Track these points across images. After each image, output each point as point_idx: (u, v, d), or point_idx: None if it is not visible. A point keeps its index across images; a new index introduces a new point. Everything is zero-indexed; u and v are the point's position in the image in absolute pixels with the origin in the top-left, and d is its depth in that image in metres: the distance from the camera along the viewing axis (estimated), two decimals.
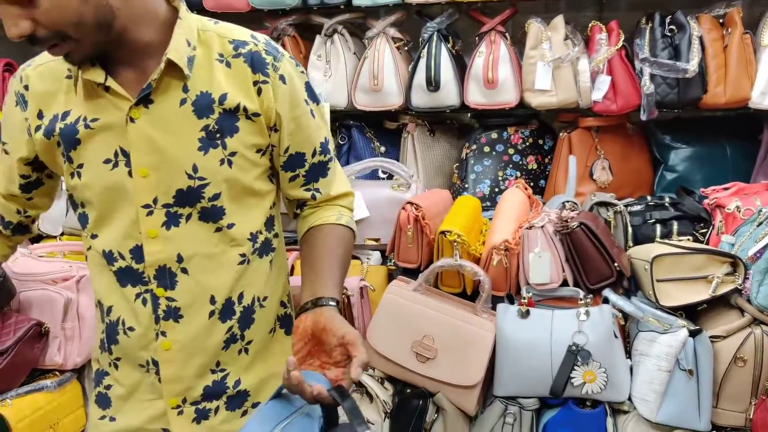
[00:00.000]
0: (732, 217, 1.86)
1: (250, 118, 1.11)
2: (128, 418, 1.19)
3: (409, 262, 1.97)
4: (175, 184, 1.09)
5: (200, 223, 1.13)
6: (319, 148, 1.20)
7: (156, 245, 1.11)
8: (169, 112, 1.08)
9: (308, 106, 1.17)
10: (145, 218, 1.10)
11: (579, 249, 1.78)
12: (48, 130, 1.11)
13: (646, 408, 1.66)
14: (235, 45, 1.11)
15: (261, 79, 1.11)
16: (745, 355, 1.61)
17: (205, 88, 1.09)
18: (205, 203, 1.11)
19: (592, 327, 1.68)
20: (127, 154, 1.08)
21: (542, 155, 2.41)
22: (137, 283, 1.13)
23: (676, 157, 2.26)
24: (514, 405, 1.75)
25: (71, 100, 1.10)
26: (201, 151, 1.09)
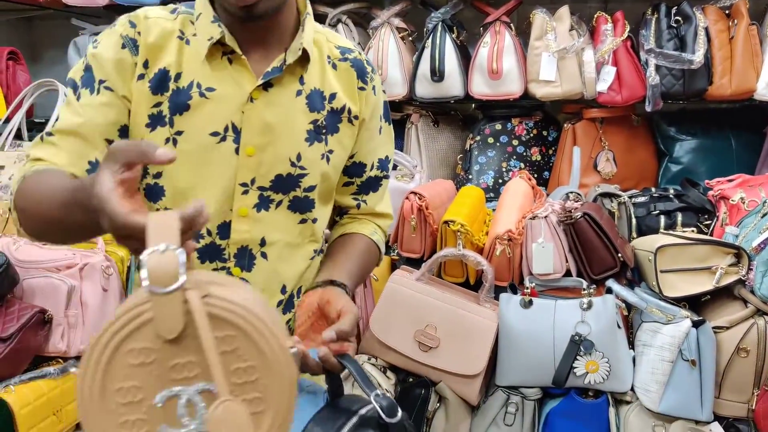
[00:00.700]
0: (736, 208, 1.86)
1: (351, 120, 1.18)
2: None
3: (412, 252, 1.97)
4: (276, 168, 1.11)
5: (288, 212, 1.14)
6: (377, 163, 1.25)
7: (245, 224, 1.11)
8: (286, 100, 1.10)
9: (381, 122, 1.24)
10: (239, 196, 1.10)
11: (582, 239, 1.78)
12: (157, 84, 1.06)
13: (649, 398, 1.66)
14: (341, 50, 1.18)
15: (360, 85, 1.18)
16: (748, 345, 1.60)
17: (318, 86, 1.13)
18: (299, 193, 1.14)
19: (595, 317, 1.68)
20: (237, 131, 1.08)
21: (546, 147, 2.41)
22: (215, 260, 1.13)
23: (680, 148, 2.25)
24: (516, 395, 1.75)
25: (182, 63, 1.08)
26: (307, 142, 1.12)
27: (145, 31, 1.07)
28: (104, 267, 1.95)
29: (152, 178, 1.10)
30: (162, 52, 1.08)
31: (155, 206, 1.13)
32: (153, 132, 1.08)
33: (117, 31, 1.08)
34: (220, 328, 0.67)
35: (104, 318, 1.96)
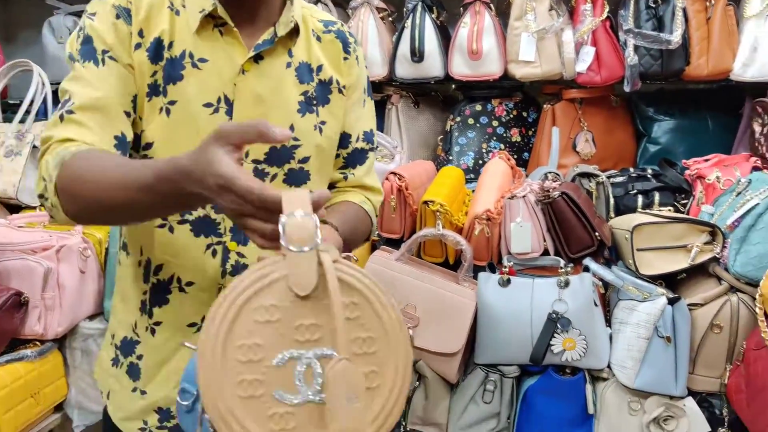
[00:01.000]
0: (712, 187, 1.88)
1: (341, 91, 1.19)
2: (163, 391, 1.16)
3: (392, 233, 1.97)
4: None
5: (284, 186, 1.14)
6: (362, 135, 1.25)
7: None
8: (276, 72, 1.11)
9: (364, 95, 1.25)
10: None
11: (560, 218, 1.79)
12: (153, 52, 1.06)
13: (625, 375, 1.68)
14: (324, 23, 1.20)
15: (345, 56, 1.20)
16: (722, 322, 1.63)
17: (305, 59, 1.15)
18: (294, 164, 1.13)
19: (573, 295, 1.69)
20: (230, 103, 1.08)
21: (526, 127, 2.41)
22: (210, 234, 1.11)
23: (659, 129, 2.27)
24: (494, 372, 1.76)
25: (174, 32, 1.07)
26: (299, 113, 1.13)
27: (137, 1, 1.07)
28: (81, 249, 1.94)
29: (146, 150, 1.08)
30: (155, 21, 1.07)
31: None
32: (150, 102, 1.07)
33: (109, 1, 1.06)
34: (348, 293, 0.69)
35: (82, 300, 1.94)
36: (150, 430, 1.18)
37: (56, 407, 1.94)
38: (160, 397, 1.16)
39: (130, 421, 1.19)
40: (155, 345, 1.15)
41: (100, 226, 2.09)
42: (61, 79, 1.08)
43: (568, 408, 1.73)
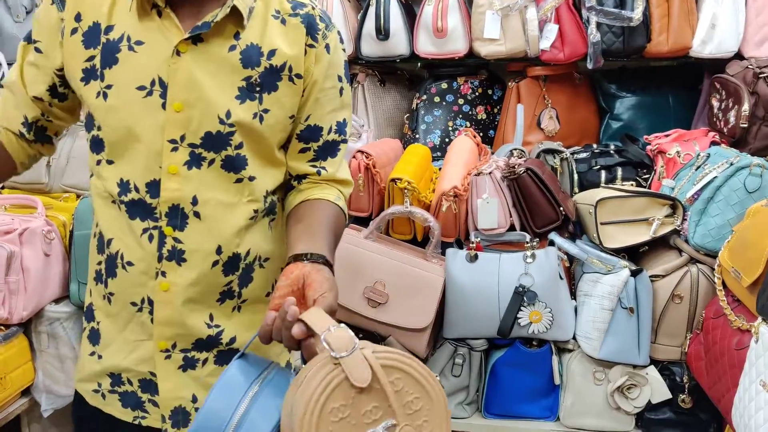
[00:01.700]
0: (672, 162, 1.92)
1: (292, 79, 1.13)
2: (116, 358, 1.17)
3: (360, 211, 1.98)
4: (205, 125, 1.08)
5: (221, 171, 1.12)
6: (335, 126, 1.21)
7: (174, 182, 1.09)
8: (216, 56, 1.08)
9: (340, 83, 1.20)
10: (168, 153, 1.08)
11: (526, 194, 1.82)
12: (89, 37, 1.06)
13: (589, 345, 1.73)
14: (294, 5, 1.14)
15: (310, 42, 1.13)
16: (682, 292, 1.67)
17: (256, 41, 1.10)
18: (230, 151, 1.11)
19: (538, 269, 1.72)
20: (164, 86, 1.06)
21: (491, 105, 2.43)
22: (147, 218, 1.11)
23: (621, 106, 2.30)
24: (463, 346, 1.79)
25: (114, 15, 1.06)
26: (238, 100, 1.09)
27: None
28: (45, 231, 1.91)
29: (96, 130, 1.11)
30: (94, 5, 1.06)
31: (97, 157, 1.13)
32: (87, 86, 1.08)
33: None
34: (390, 374, 0.85)
35: (47, 283, 1.92)
36: (102, 392, 1.20)
37: (23, 391, 1.92)
38: (113, 363, 1.19)
39: (86, 383, 1.23)
40: (111, 313, 1.18)
41: (63, 209, 2.06)
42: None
43: (535, 379, 1.77)
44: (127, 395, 1.19)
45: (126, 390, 1.19)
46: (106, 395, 1.20)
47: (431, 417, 0.87)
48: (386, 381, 0.84)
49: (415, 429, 0.86)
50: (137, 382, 1.18)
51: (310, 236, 1.09)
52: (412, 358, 0.86)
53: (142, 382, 1.18)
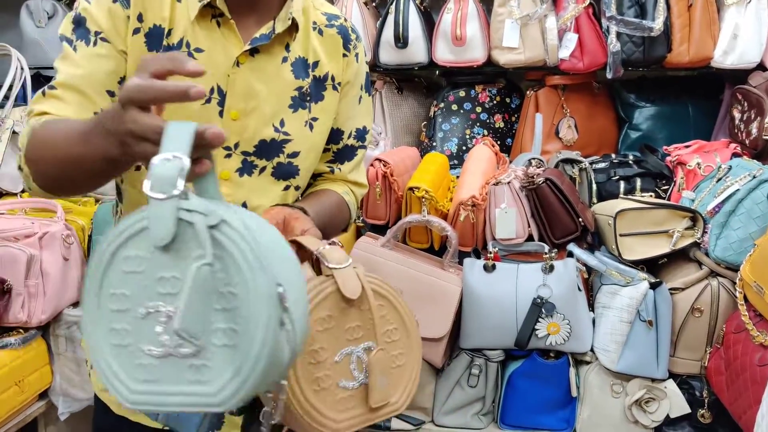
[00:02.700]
0: (693, 173, 1.91)
1: (335, 88, 1.18)
2: None
3: (377, 219, 1.98)
4: (260, 134, 1.11)
5: (272, 179, 1.15)
6: (355, 132, 1.26)
7: (226, 188, 1.11)
8: (271, 66, 1.11)
9: (361, 91, 1.25)
10: (222, 159, 1.10)
11: (544, 204, 1.81)
12: (151, 39, 1.05)
13: (607, 358, 1.71)
14: (328, 17, 1.19)
15: (344, 52, 1.19)
16: (702, 305, 1.66)
17: (303, 54, 1.14)
18: (282, 159, 1.14)
19: (557, 280, 1.71)
20: (223, 94, 1.08)
21: (509, 114, 2.43)
22: None
23: (640, 115, 2.29)
24: (479, 357, 1.78)
25: (174, 19, 1.07)
26: (291, 109, 1.13)
27: None
28: (64, 236, 1.92)
29: None
30: (154, 8, 1.07)
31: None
32: None
33: None
34: (377, 298, 0.87)
35: (65, 287, 1.93)
36: None
37: (41, 394, 1.93)
38: None
39: (107, 392, 1.22)
40: None
41: (82, 213, 2.08)
42: (40, 63, 1.12)
43: (552, 391, 1.76)
44: None
45: None
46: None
47: (406, 352, 0.90)
48: (374, 303, 0.86)
49: (390, 358, 0.88)
50: None
51: (300, 202, 1.14)
52: (398, 292, 0.89)
53: None
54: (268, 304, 0.64)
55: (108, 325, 0.66)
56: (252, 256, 0.63)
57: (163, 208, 0.64)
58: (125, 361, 0.66)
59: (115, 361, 0.67)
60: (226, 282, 0.64)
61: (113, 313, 0.66)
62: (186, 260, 0.64)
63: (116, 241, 0.66)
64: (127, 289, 0.66)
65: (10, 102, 2.19)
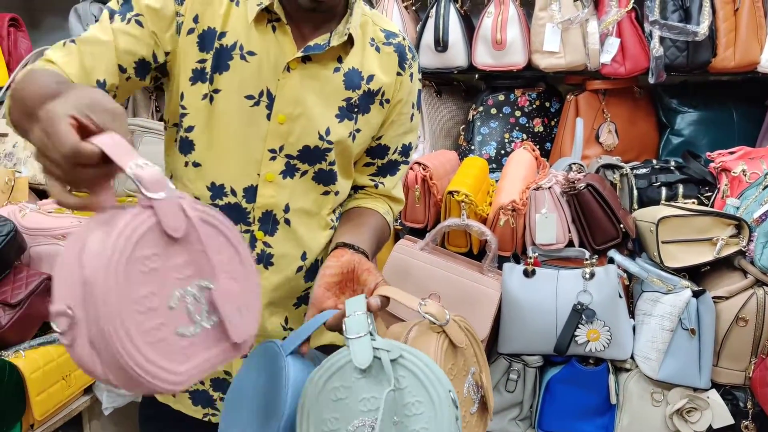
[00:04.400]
0: (737, 180, 1.88)
1: (382, 103, 1.19)
2: None
3: (416, 222, 1.98)
4: (305, 139, 1.13)
5: (312, 183, 1.17)
6: (400, 148, 1.27)
7: (270, 189, 1.14)
8: (322, 75, 1.12)
9: (412, 109, 1.26)
10: (267, 162, 1.13)
11: (585, 210, 1.80)
12: (204, 40, 1.08)
13: (648, 366, 1.70)
14: (386, 34, 1.20)
15: (399, 71, 1.20)
16: (747, 315, 1.63)
17: (357, 66, 1.15)
18: (324, 165, 1.16)
19: (597, 287, 1.70)
20: (272, 98, 1.10)
21: (548, 118, 2.42)
22: (239, 222, 1.15)
23: (682, 121, 2.26)
24: (518, 362, 1.78)
25: (227, 23, 1.09)
26: (337, 119, 1.15)
27: None
28: None
29: (184, 132, 1.13)
30: (210, 9, 1.09)
31: (185, 158, 1.15)
32: (193, 86, 1.10)
33: None
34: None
35: None
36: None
37: (86, 389, 1.98)
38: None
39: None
40: None
41: None
42: None
43: (591, 398, 1.75)
44: (198, 393, 1.22)
45: (197, 388, 1.22)
46: (177, 393, 1.23)
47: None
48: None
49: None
50: (209, 381, 1.21)
51: (357, 233, 1.15)
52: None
53: (215, 381, 1.21)
54: (448, 407, 0.85)
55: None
56: (431, 374, 0.85)
57: (361, 342, 0.88)
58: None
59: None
60: (413, 394, 0.85)
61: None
62: (380, 383, 0.86)
63: (324, 375, 0.88)
64: (338, 413, 0.87)
65: None
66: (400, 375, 0.86)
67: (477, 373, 1.03)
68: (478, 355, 1.06)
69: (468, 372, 1.01)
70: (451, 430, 0.85)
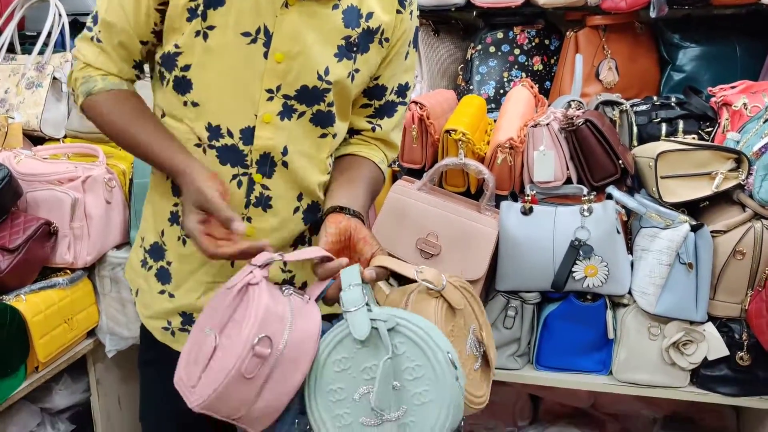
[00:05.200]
0: (738, 114, 1.85)
1: (381, 42, 1.17)
2: (189, 298, 1.22)
3: (413, 163, 1.97)
4: (303, 78, 1.11)
5: (310, 125, 1.16)
6: (397, 88, 1.25)
7: (268, 131, 1.12)
8: (321, 12, 1.10)
9: (409, 47, 1.25)
10: (264, 102, 1.11)
11: (584, 146, 1.78)
12: None
13: (646, 300, 1.70)
14: None
15: (398, 8, 1.18)
16: (745, 248, 1.63)
17: (355, 3, 1.13)
18: (322, 107, 1.14)
19: (595, 222, 1.70)
20: (269, 35, 1.08)
21: (548, 56, 2.37)
22: (237, 165, 1.14)
23: (684, 56, 2.22)
24: (516, 299, 1.79)
25: None
26: (336, 58, 1.12)
27: None
28: (106, 180, 1.96)
29: (180, 71, 1.11)
30: None
31: (183, 98, 1.13)
32: (189, 23, 1.08)
33: None
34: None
35: (109, 229, 1.98)
36: (172, 330, 1.24)
37: (89, 333, 2.00)
38: (186, 303, 1.22)
39: (155, 320, 1.27)
40: (185, 254, 1.21)
41: (123, 158, 2.11)
42: (78, 10, 1.19)
43: (588, 333, 1.76)
44: None
45: None
46: (176, 333, 1.25)
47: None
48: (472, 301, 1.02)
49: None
50: None
51: (352, 192, 1.16)
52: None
53: None
54: (447, 368, 0.88)
55: (332, 413, 0.92)
56: (427, 338, 0.89)
57: (358, 315, 0.91)
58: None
59: None
60: (412, 359, 0.89)
61: (335, 403, 0.92)
62: (379, 352, 0.90)
63: (326, 350, 0.93)
64: (342, 383, 0.92)
65: (50, 49, 2.21)
66: (399, 342, 0.90)
67: (477, 330, 1.07)
68: (477, 312, 1.10)
69: (468, 330, 1.05)
70: (453, 390, 0.89)
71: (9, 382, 1.68)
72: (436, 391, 0.89)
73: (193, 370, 0.94)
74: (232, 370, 0.88)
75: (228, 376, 0.87)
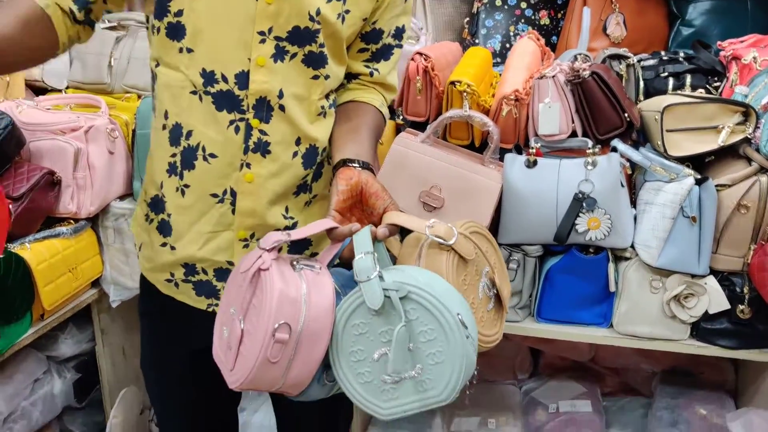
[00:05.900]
0: (748, 68, 1.82)
1: None
2: (190, 249, 1.21)
3: (417, 115, 1.95)
4: (294, 20, 1.10)
5: (302, 66, 1.15)
6: (394, 31, 1.25)
7: (262, 75, 1.12)
8: None
9: None
10: (257, 45, 1.10)
11: (590, 99, 1.76)
12: None
13: (648, 254, 1.70)
14: None
15: None
16: (749, 202, 1.62)
17: None
18: (314, 48, 1.13)
19: (599, 175, 1.69)
20: None
21: (555, 10, 2.34)
22: (233, 110, 1.13)
23: (694, 10, 2.19)
24: (518, 252, 1.79)
25: None
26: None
27: None
28: (109, 130, 1.95)
29: (173, 17, 1.10)
30: None
31: (177, 44, 1.12)
32: None
33: None
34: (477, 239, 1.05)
35: (112, 180, 1.98)
36: (176, 281, 1.24)
37: (93, 283, 2.02)
38: (188, 254, 1.22)
39: (158, 273, 1.27)
40: (184, 205, 1.20)
41: (125, 108, 2.10)
42: None
43: (590, 286, 1.77)
44: (201, 284, 1.24)
45: (200, 279, 1.23)
46: (180, 284, 1.25)
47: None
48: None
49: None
50: (212, 271, 1.22)
51: (358, 141, 1.16)
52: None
53: (218, 271, 1.22)
54: (457, 329, 0.93)
55: (354, 371, 0.98)
56: (438, 303, 0.93)
57: (371, 285, 0.94)
58: (372, 391, 0.98)
59: (366, 393, 0.98)
60: (425, 323, 0.94)
61: (356, 363, 0.98)
62: (393, 318, 0.94)
63: (345, 314, 0.97)
64: (361, 345, 0.97)
65: None
66: (411, 308, 0.95)
67: (490, 272, 1.12)
68: (490, 253, 1.15)
69: (481, 275, 1.09)
70: (464, 348, 0.94)
71: (15, 328, 1.70)
72: (448, 351, 0.94)
73: (229, 354, 1.01)
74: (258, 358, 0.94)
75: (256, 364, 0.94)
